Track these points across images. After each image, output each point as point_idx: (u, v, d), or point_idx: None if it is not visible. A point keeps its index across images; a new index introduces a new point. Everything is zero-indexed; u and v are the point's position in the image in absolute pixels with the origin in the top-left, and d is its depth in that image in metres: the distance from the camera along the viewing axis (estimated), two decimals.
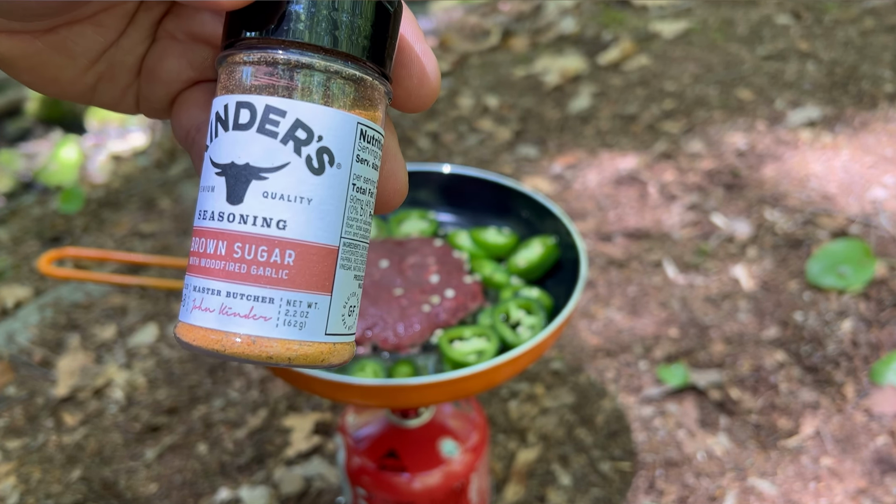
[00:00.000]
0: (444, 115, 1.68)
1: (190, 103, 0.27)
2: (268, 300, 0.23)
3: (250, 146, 0.23)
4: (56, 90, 0.26)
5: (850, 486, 0.82)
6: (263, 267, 0.23)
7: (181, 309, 0.24)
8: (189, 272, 0.24)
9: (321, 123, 0.23)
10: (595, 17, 2.09)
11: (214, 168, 0.23)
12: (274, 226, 0.23)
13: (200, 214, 0.24)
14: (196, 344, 0.23)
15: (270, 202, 0.23)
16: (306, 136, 0.23)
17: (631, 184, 1.36)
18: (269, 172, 0.23)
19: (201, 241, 0.23)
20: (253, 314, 0.23)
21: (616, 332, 1.05)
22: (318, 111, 0.23)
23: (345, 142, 0.23)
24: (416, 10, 2.40)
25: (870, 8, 1.94)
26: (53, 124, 2.09)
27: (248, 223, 0.23)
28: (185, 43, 0.26)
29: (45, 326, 1.16)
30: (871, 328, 1.01)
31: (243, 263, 0.23)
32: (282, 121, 0.23)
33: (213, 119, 0.24)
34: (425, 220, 0.69)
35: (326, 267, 0.23)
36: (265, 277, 0.23)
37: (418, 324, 0.57)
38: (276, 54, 0.23)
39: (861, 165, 1.35)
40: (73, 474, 0.92)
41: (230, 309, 0.23)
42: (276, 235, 0.23)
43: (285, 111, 0.23)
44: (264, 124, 0.23)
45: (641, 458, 0.88)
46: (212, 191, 0.23)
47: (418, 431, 0.65)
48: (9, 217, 1.54)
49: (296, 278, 0.23)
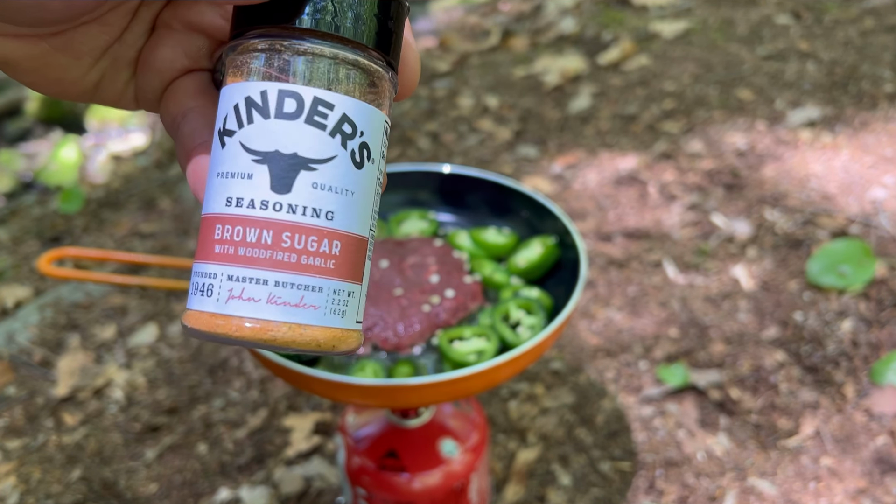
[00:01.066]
0: (444, 115, 1.68)
1: (180, 91, 0.27)
2: (317, 289, 0.23)
3: (299, 136, 0.23)
4: (59, 90, 0.26)
5: (849, 486, 0.82)
6: (314, 257, 0.23)
7: (199, 300, 0.24)
8: (216, 261, 0.23)
9: (362, 119, 0.23)
10: (595, 17, 2.09)
11: (251, 154, 0.23)
12: (323, 216, 0.23)
13: (232, 201, 0.23)
14: (237, 335, 0.23)
15: (319, 193, 0.23)
16: (351, 131, 0.23)
17: (631, 184, 1.36)
18: (319, 164, 0.23)
19: (236, 229, 0.23)
20: (303, 303, 0.23)
21: (616, 332, 1.05)
22: (361, 107, 0.23)
23: (377, 138, 0.24)
24: (417, 11, 2.40)
25: (870, 8, 1.94)
26: (53, 124, 2.09)
27: (297, 213, 0.23)
28: (181, 32, 0.26)
29: (45, 326, 1.16)
30: (871, 328, 1.02)
31: (293, 253, 0.23)
32: (330, 114, 0.23)
33: (240, 103, 0.23)
34: (425, 220, 0.69)
35: (361, 257, 0.24)
36: (315, 267, 0.23)
37: (418, 324, 0.57)
38: (315, 47, 0.23)
39: (861, 165, 1.35)
40: (73, 474, 0.92)
41: (279, 298, 0.23)
42: (325, 226, 0.23)
43: (334, 105, 0.23)
44: (313, 116, 0.23)
45: (641, 458, 0.88)
46: (248, 178, 0.23)
47: (418, 431, 0.65)
48: (9, 217, 1.54)
49: (340, 268, 0.23)
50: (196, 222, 1.39)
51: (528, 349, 0.50)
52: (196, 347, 1.09)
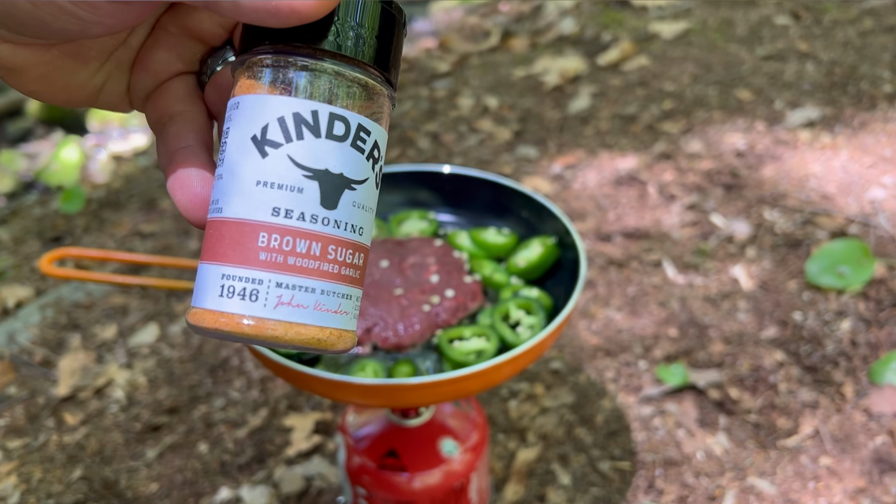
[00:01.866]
0: (444, 116, 1.68)
1: (169, 93, 0.28)
2: (350, 297, 0.26)
3: (345, 158, 0.25)
4: (65, 97, 0.26)
5: (849, 486, 0.83)
6: (350, 268, 0.26)
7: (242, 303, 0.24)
8: (264, 267, 0.24)
9: (383, 144, 0.26)
10: (595, 17, 2.09)
11: (301, 170, 0.24)
12: (357, 232, 0.26)
13: (280, 212, 0.24)
14: (287, 339, 0.24)
15: (357, 211, 0.25)
16: (378, 156, 0.26)
17: (630, 184, 1.37)
18: (358, 185, 0.25)
19: (286, 238, 0.24)
20: (340, 310, 0.25)
21: (615, 332, 1.05)
22: (384, 134, 0.26)
23: (383, 157, 0.27)
24: (417, 11, 2.41)
25: (869, 8, 1.95)
26: (54, 125, 2.09)
27: (340, 228, 0.25)
28: (177, 36, 0.27)
29: (45, 326, 1.16)
30: (870, 328, 1.02)
31: (335, 264, 0.25)
32: (368, 139, 0.25)
33: (287, 118, 0.24)
34: (425, 220, 0.69)
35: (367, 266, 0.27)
36: (349, 277, 0.26)
37: (418, 323, 0.57)
38: (368, 79, 0.25)
39: (860, 165, 1.35)
40: (73, 474, 0.92)
41: (323, 305, 0.25)
42: (358, 240, 0.26)
43: (371, 131, 0.25)
44: (357, 140, 0.25)
45: (641, 457, 0.88)
46: (298, 191, 0.24)
47: (418, 431, 0.66)
48: (10, 217, 1.54)
49: (361, 278, 0.26)
50: None
51: (527, 349, 0.50)
52: (197, 347, 1.09)
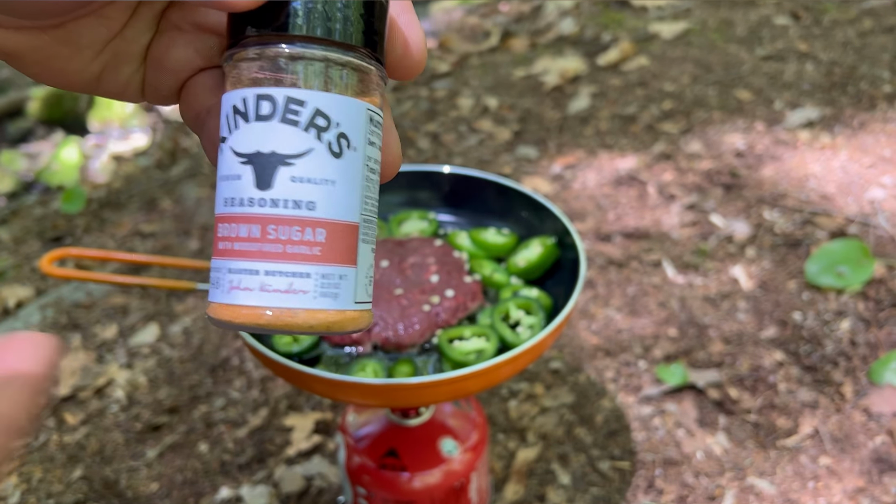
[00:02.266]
0: (443, 116, 1.68)
1: (198, 88, 0.28)
2: (305, 275, 0.25)
3: (275, 135, 0.25)
4: (63, 81, 0.27)
5: (848, 486, 0.83)
6: (298, 245, 0.25)
7: (213, 292, 0.26)
8: (220, 256, 0.26)
9: (337, 111, 0.25)
10: (594, 17, 2.09)
11: (238, 157, 0.25)
12: (304, 207, 0.25)
13: (227, 202, 0.25)
14: (238, 321, 0.25)
15: (299, 185, 0.25)
16: (326, 124, 0.25)
17: (630, 184, 1.37)
18: (295, 158, 0.24)
19: (231, 226, 0.25)
20: (293, 289, 0.25)
21: (615, 332, 1.05)
22: (333, 99, 0.25)
23: (358, 127, 0.25)
24: (417, 11, 2.41)
25: (868, 9, 1.95)
26: (55, 125, 2.09)
27: (279, 206, 0.24)
28: (192, 33, 0.27)
29: (46, 326, 1.16)
30: (870, 328, 1.02)
31: (278, 244, 0.25)
32: (302, 110, 0.24)
33: (229, 112, 0.25)
34: (425, 220, 0.69)
35: (351, 242, 0.26)
36: (300, 255, 0.25)
37: (418, 323, 0.58)
38: (283, 49, 0.24)
39: (859, 166, 1.35)
40: (74, 473, 0.92)
41: (270, 286, 0.25)
42: (307, 216, 0.25)
43: (304, 101, 0.24)
44: (286, 114, 0.24)
45: (640, 457, 0.88)
46: (238, 179, 0.25)
47: (418, 430, 0.66)
48: (10, 217, 1.54)
49: (327, 254, 0.25)
50: (196, 222, 1.39)
51: (527, 349, 0.50)
52: (197, 347, 1.09)
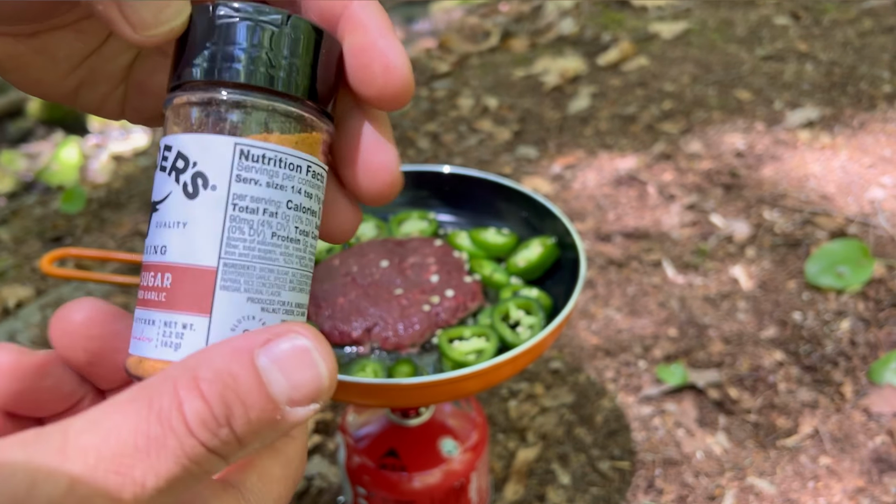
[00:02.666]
0: (443, 116, 1.68)
1: None
2: (150, 322, 0.24)
3: (156, 184, 0.25)
4: (40, 91, 0.27)
5: (848, 486, 0.83)
6: (150, 291, 0.24)
7: None
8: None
9: (194, 149, 0.23)
10: (594, 17, 2.09)
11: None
12: (158, 252, 0.24)
13: None
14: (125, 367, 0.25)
15: (159, 231, 0.24)
16: (183, 165, 0.23)
17: (630, 184, 1.37)
18: (159, 204, 0.24)
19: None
20: (144, 336, 0.24)
21: (615, 332, 1.05)
22: (190, 138, 0.23)
23: (219, 164, 0.23)
24: (417, 11, 2.41)
25: (868, 9, 1.95)
26: (55, 125, 2.09)
27: (148, 252, 0.24)
28: None
29: (46, 326, 1.16)
30: (870, 328, 1.02)
31: (143, 290, 0.24)
32: (169, 155, 0.24)
33: None
34: (425, 220, 0.69)
35: (203, 288, 0.23)
36: (151, 301, 0.24)
37: (418, 323, 0.58)
38: (169, 97, 0.24)
39: (859, 166, 1.35)
40: None
41: (134, 333, 0.24)
42: (159, 260, 0.24)
43: (171, 146, 0.24)
44: (162, 161, 0.24)
45: (640, 457, 0.88)
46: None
47: (418, 430, 0.66)
48: (10, 217, 1.54)
49: (172, 300, 0.23)
50: None
51: (527, 349, 0.50)
52: None
